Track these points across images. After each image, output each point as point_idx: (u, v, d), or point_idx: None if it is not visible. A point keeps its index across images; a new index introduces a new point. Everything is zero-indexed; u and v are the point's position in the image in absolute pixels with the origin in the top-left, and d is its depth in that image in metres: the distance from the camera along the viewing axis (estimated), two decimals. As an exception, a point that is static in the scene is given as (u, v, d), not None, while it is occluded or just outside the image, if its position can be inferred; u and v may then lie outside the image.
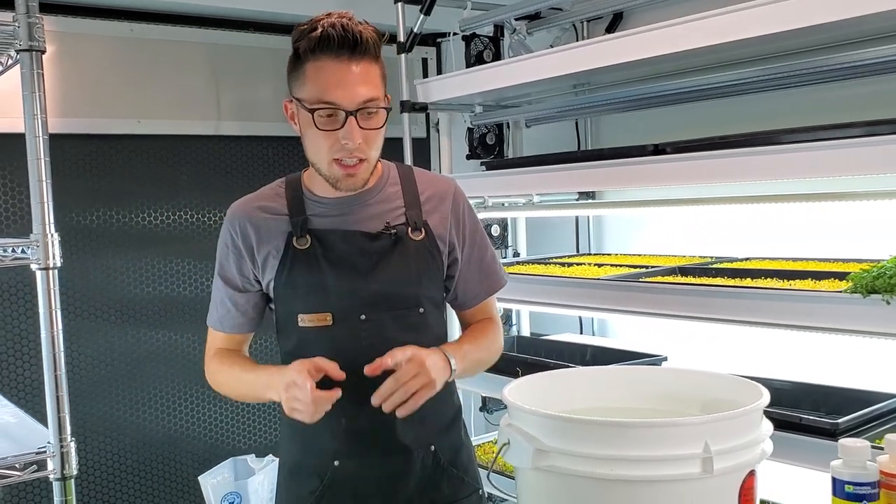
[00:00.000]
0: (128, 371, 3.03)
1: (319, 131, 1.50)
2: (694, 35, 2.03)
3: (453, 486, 1.66)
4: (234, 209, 1.66)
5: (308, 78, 1.49)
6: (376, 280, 1.58)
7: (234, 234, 1.63)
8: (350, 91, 1.48)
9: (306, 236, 1.59)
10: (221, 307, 1.68)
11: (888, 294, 1.69)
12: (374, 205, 1.63)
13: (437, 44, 3.64)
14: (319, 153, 1.53)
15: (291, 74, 1.55)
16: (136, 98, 3.01)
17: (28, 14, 1.74)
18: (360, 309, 1.57)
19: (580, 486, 1.23)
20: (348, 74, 1.48)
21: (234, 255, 1.64)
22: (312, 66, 1.49)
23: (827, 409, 1.99)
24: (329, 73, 1.48)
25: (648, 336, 2.92)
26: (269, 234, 1.61)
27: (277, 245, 1.60)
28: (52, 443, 1.86)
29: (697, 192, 2.41)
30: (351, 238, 1.59)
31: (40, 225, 1.81)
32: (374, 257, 1.59)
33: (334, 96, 1.47)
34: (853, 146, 1.76)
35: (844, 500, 1.30)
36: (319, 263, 1.58)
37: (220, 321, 1.68)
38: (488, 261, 1.74)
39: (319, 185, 1.62)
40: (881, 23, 1.85)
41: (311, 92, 1.49)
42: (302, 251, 1.58)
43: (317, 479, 1.61)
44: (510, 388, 1.41)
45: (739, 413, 1.23)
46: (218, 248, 1.67)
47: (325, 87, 1.48)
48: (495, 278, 1.75)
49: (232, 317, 1.67)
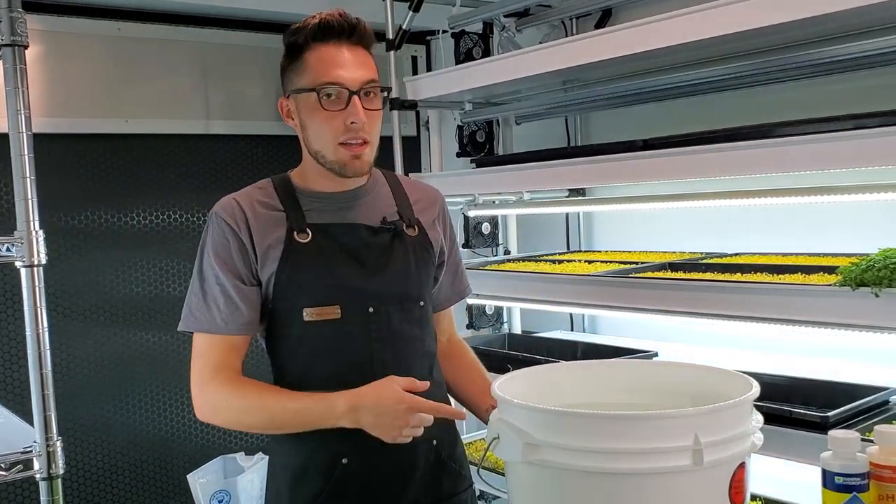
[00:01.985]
0: (116, 371, 3.02)
1: (325, 112, 1.52)
2: (682, 31, 2.04)
3: (452, 480, 1.67)
4: (226, 202, 1.59)
5: (309, 65, 1.53)
6: (381, 273, 1.59)
7: (233, 224, 1.55)
8: (352, 71, 1.52)
9: (307, 230, 1.57)
10: (228, 306, 1.53)
11: (877, 287, 1.69)
12: (370, 200, 1.65)
13: (426, 41, 3.64)
14: (324, 138, 1.54)
15: (288, 69, 1.57)
16: (123, 97, 3.00)
17: (10, 9, 1.73)
18: (368, 301, 1.56)
19: (570, 479, 1.22)
20: (349, 57, 1.53)
21: (237, 245, 1.54)
22: (312, 53, 1.53)
23: (817, 402, 1.99)
24: (331, 56, 1.53)
25: (639, 333, 2.92)
26: (267, 227, 1.56)
27: (277, 238, 1.55)
28: (38, 442, 1.84)
29: (687, 187, 2.41)
30: (355, 231, 1.60)
31: (24, 222, 1.80)
32: (377, 250, 1.60)
33: (338, 76, 1.51)
34: (841, 139, 1.76)
35: (835, 491, 1.30)
36: (325, 256, 1.56)
37: (224, 322, 1.53)
38: (462, 271, 1.82)
39: (313, 181, 1.62)
40: (870, 16, 1.85)
41: (313, 76, 1.53)
42: (304, 245, 1.55)
43: (323, 479, 1.58)
44: (500, 382, 1.40)
45: (729, 405, 1.23)
46: (210, 244, 1.56)
47: (328, 69, 1.52)
48: (465, 285, 1.84)
49: (241, 315, 1.54)
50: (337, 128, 1.52)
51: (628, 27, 2.17)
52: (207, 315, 1.54)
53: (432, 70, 3.52)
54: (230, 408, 1.52)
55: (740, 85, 2.44)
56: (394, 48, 2.91)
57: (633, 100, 2.70)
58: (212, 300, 1.54)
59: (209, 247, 1.57)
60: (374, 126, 1.57)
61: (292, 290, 1.56)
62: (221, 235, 1.55)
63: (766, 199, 2.13)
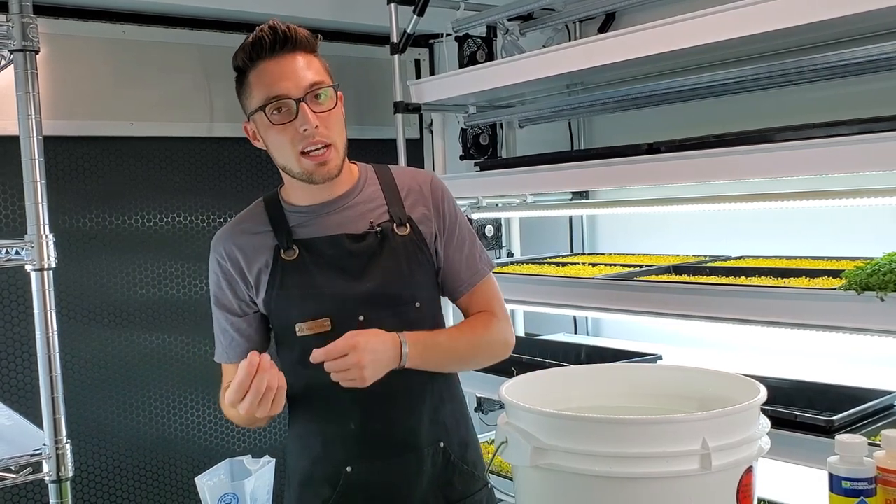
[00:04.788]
0: (122, 373, 3.02)
1: (276, 127, 1.52)
2: (686, 34, 2.04)
3: (465, 481, 1.67)
4: (217, 237, 1.67)
5: (253, 85, 1.55)
6: (369, 279, 1.58)
7: (221, 260, 1.64)
8: (293, 80, 1.52)
9: (293, 247, 1.59)
10: (224, 338, 1.66)
11: (882, 291, 1.70)
12: (356, 206, 1.64)
13: (430, 45, 3.64)
14: (285, 151, 1.55)
15: (240, 94, 1.60)
16: (128, 100, 3.00)
17: (22, 14, 1.74)
18: (357, 310, 1.57)
19: (579, 483, 1.23)
20: (288, 67, 1.53)
21: (227, 281, 1.64)
22: (254, 73, 1.54)
23: (822, 406, 2.00)
24: (270, 71, 1.53)
25: (642, 336, 2.92)
26: (256, 252, 1.61)
27: (266, 260, 1.60)
28: (48, 444, 1.85)
29: (691, 190, 2.42)
30: (337, 242, 1.60)
31: (35, 226, 1.80)
32: (363, 257, 1.59)
33: (280, 88, 1.52)
34: (847, 144, 1.76)
35: (842, 496, 1.30)
36: (310, 271, 1.58)
37: (224, 353, 1.67)
38: (472, 248, 1.72)
39: (296, 195, 1.64)
40: (874, 21, 1.86)
41: (258, 95, 1.53)
42: (291, 262, 1.59)
43: (329, 488, 1.60)
44: (507, 386, 1.41)
45: (738, 409, 1.23)
46: (210, 280, 1.68)
47: (269, 84, 1.52)
48: (481, 264, 1.72)
49: (237, 344, 1.65)
50: (293, 138, 1.52)
51: (632, 31, 2.18)
52: (217, 347, 1.69)
53: (436, 74, 3.52)
54: (229, 416, 1.64)
55: (745, 89, 2.44)
56: (398, 52, 2.92)
57: (637, 103, 2.71)
58: (217, 332, 1.69)
59: (210, 283, 1.69)
60: (333, 126, 1.55)
61: (283, 307, 1.60)
62: (213, 272, 1.66)
63: (770, 202, 2.14)
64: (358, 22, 3.17)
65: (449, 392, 1.69)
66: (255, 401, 1.40)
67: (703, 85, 2.42)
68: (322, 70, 1.57)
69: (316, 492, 1.61)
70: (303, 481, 1.64)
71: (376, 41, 3.28)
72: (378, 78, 3.06)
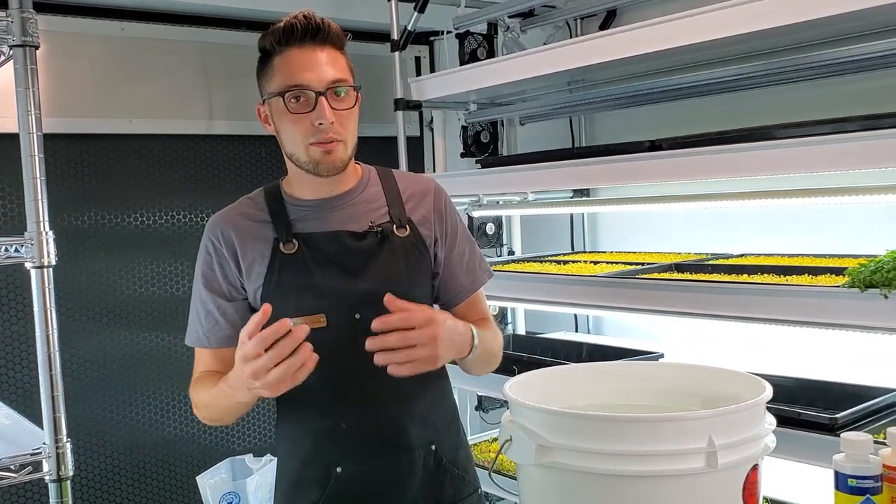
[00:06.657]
0: (122, 372, 3.01)
1: (293, 115, 1.52)
2: (687, 32, 2.04)
3: (455, 485, 1.65)
4: (214, 218, 1.65)
5: (277, 70, 1.54)
6: (367, 279, 1.56)
7: (215, 241, 1.61)
8: (317, 72, 1.52)
9: (293, 241, 1.58)
10: (207, 320, 1.61)
11: (886, 288, 1.69)
12: (357, 205, 1.63)
13: (430, 42, 3.63)
14: (295, 139, 1.54)
15: (261, 75, 1.59)
16: (127, 97, 2.99)
17: (21, 9, 1.74)
18: (354, 308, 1.55)
19: (583, 481, 1.23)
20: (314, 58, 1.53)
21: (219, 264, 1.60)
22: (280, 58, 1.54)
23: (825, 404, 2.00)
24: (296, 59, 1.52)
25: (643, 333, 2.91)
26: (253, 240, 1.59)
27: (262, 251, 1.58)
28: (48, 444, 1.84)
29: (693, 188, 2.41)
30: (337, 238, 1.59)
31: (35, 223, 1.79)
32: (362, 256, 1.58)
33: (303, 78, 1.51)
34: (850, 141, 1.76)
35: (848, 493, 1.30)
36: (309, 266, 1.56)
37: (206, 336, 1.61)
38: (472, 255, 1.74)
39: (299, 188, 1.62)
40: (876, 18, 1.85)
41: (280, 80, 1.53)
42: (290, 256, 1.57)
43: (318, 489, 1.57)
44: (511, 384, 1.40)
45: (743, 407, 1.23)
46: (198, 261, 1.64)
47: (293, 72, 1.52)
48: (480, 272, 1.74)
49: (220, 328, 1.60)
50: (306, 130, 1.52)
51: (633, 28, 2.17)
52: (195, 330, 1.63)
53: (436, 71, 3.52)
54: (198, 404, 1.59)
55: (747, 86, 2.43)
56: (398, 49, 2.91)
57: (639, 100, 2.70)
58: (196, 315, 1.63)
59: (197, 263, 1.65)
60: (347, 125, 1.55)
61: (278, 300, 1.55)
62: (205, 252, 1.63)
63: (772, 199, 2.13)
64: (358, 19, 3.16)
65: (441, 394, 1.67)
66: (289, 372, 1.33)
67: (706, 82, 2.42)
68: (346, 68, 1.57)
69: (306, 493, 1.58)
70: (292, 482, 1.61)
71: (377, 38, 3.27)
72: (378, 75, 3.05)
